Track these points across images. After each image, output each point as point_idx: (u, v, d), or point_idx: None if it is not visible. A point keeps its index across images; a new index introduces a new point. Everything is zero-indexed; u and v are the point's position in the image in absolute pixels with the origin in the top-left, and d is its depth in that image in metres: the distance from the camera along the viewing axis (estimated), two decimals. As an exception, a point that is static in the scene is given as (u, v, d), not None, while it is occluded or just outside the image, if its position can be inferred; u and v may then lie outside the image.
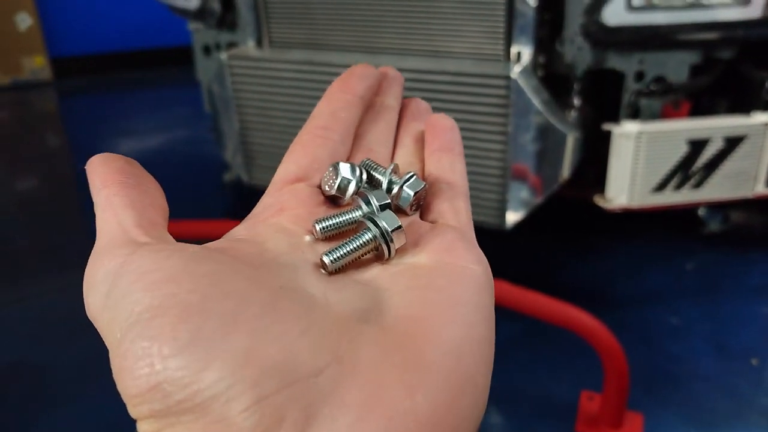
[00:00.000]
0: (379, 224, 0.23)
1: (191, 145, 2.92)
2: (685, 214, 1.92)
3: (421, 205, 0.27)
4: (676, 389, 1.27)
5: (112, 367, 0.19)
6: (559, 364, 1.35)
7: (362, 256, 0.24)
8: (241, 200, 2.28)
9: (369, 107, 0.32)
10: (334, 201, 0.27)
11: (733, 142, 1.24)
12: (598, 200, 1.29)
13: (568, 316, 1.12)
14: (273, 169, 0.30)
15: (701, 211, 1.85)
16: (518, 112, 1.23)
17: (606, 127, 1.26)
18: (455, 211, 0.27)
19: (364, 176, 0.27)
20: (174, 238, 0.22)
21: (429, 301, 0.22)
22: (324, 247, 0.24)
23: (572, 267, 1.74)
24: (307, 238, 0.25)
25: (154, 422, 0.18)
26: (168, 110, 3.48)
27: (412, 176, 0.27)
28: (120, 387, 0.19)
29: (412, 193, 0.26)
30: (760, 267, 1.70)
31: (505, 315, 1.30)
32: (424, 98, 1.25)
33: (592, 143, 1.43)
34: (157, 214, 0.23)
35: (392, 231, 0.23)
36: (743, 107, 1.34)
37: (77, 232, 2.09)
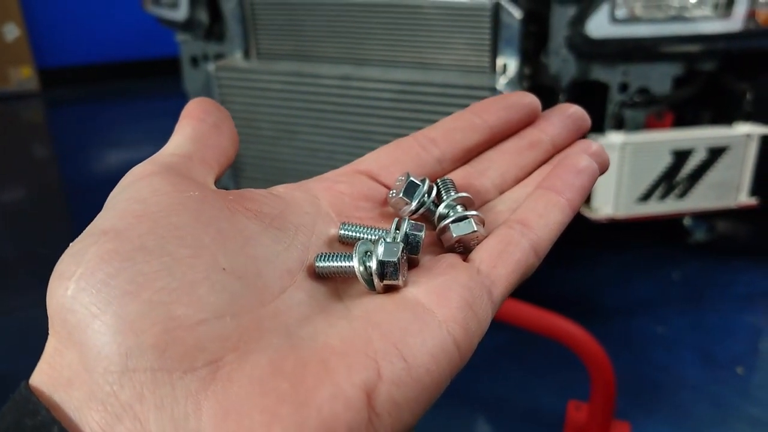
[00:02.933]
0: (373, 257, 0.22)
1: (180, 155, 2.91)
2: (670, 224, 1.93)
3: (473, 244, 0.24)
4: (662, 398, 1.28)
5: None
6: (547, 374, 1.35)
7: (353, 276, 0.22)
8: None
9: (510, 137, 0.30)
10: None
11: (715, 153, 1.25)
12: (584, 210, 1.30)
13: (554, 326, 1.13)
14: (261, 181, 0.30)
15: (687, 221, 1.87)
16: (504, 123, 1.24)
17: (591, 137, 1.27)
18: (500, 261, 0.23)
19: (432, 196, 0.25)
20: None
21: (361, 338, 0.19)
22: (340, 246, 0.24)
23: (558, 277, 1.74)
24: (332, 230, 0.24)
25: (54, 340, 0.19)
26: (156, 121, 3.47)
27: (467, 217, 0.24)
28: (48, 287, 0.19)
29: (453, 236, 0.24)
30: (745, 276, 1.71)
31: (491, 325, 1.30)
32: (410, 109, 1.27)
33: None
34: (213, 154, 0.24)
35: (383, 269, 0.21)
36: (725, 118, 1.36)
37: (64, 243, 2.07)
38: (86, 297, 0.18)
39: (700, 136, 1.24)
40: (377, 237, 0.24)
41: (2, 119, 3.68)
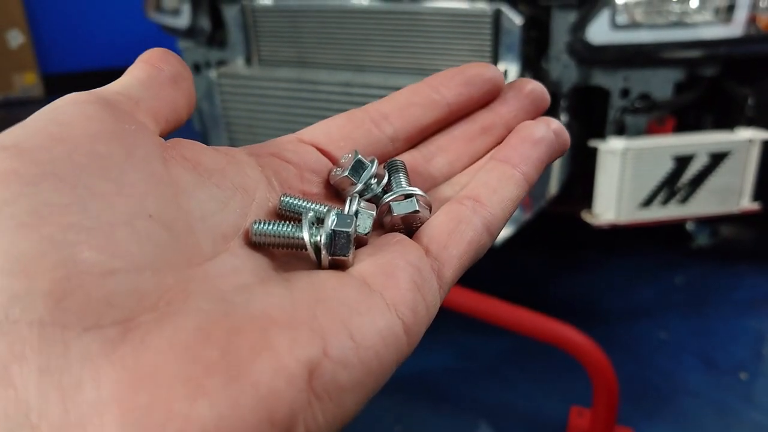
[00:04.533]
0: (322, 229, 0.20)
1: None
2: (673, 228, 1.93)
3: (415, 226, 0.23)
4: (665, 404, 1.27)
5: None
6: (549, 380, 1.35)
7: (295, 248, 0.20)
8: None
9: (469, 114, 0.27)
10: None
11: (717, 158, 1.25)
12: (586, 216, 1.30)
13: (556, 332, 1.12)
14: None
15: (689, 226, 1.87)
16: (505, 129, 1.24)
17: (592, 143, 1.27)
18: (451, 241, 0.21)
19: (382, 182, 0.24)
20: None
21: (305, 312, 0.17)
22: (279, 219, 0.21)
23: (560, 283, 1.74)
24: (273, 200, 0.22)
25: None
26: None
27: (411, 195, 0.23)
28: None
29: (394, 214, 0.22)
30: (748, 281, 1.71)
31: (493, 331, 1.30)
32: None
33: (579, 159, 1.44)
34: (163, 108, 0.21)
35: (334, 240, 0.19)
36: (727, 123, 1.36)
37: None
38: None
39: (701, 142, 1.24)
40: (322, 211, 0.21)
41: (6, 126, 3.69)
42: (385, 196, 0.23)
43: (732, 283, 1.70)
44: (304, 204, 0.21)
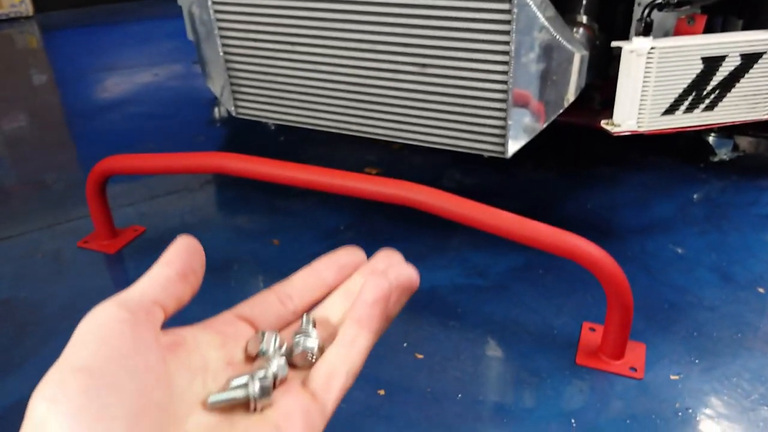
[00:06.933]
0: (251, 387, 0.28)
1: (180, 79, 2.82)
2: (693, 142, 1.85)
3: (309, 359, 0.31)
4: (679, 319, 1.24)
5: None
6: (559, 297, 1.32)
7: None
8: (232, 133, 2.20)
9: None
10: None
11: (750, 59, 1.15)
12: (606, 125, 1.22)
13: (570, 245, 1.07)
14: (260, 98, 0.24)
15: (711, 139, 1.78)
16: (522, 29, 1.14)
17: (615, 44, 1.17)
18: (327, 386, 0.30)
19: (283, 348, 0.31)
20: (167, 171, 0.22)
21: None
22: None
23: (574, 196, 1.68)
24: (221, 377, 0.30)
25: None
26: (155, 44, 3.35)
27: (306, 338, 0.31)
28: None
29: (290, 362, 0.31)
30: (768, 195, 1.65)
31: (506, 246, 1.25)
32: (422, 15, 1.16)
33: (599, 66, 1.34)
34: (172, 303, 0.29)
35: (259, 396, 0.28)
36: (759, 24, 1.25)
37: (64, 169, 2.03)
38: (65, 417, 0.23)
39: (734, 41, 1.14)
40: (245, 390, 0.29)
41: (-4, 44, 3.56)
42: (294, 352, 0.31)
43: (752, 197, 1.64)
44: (229, 395, 0.29)
